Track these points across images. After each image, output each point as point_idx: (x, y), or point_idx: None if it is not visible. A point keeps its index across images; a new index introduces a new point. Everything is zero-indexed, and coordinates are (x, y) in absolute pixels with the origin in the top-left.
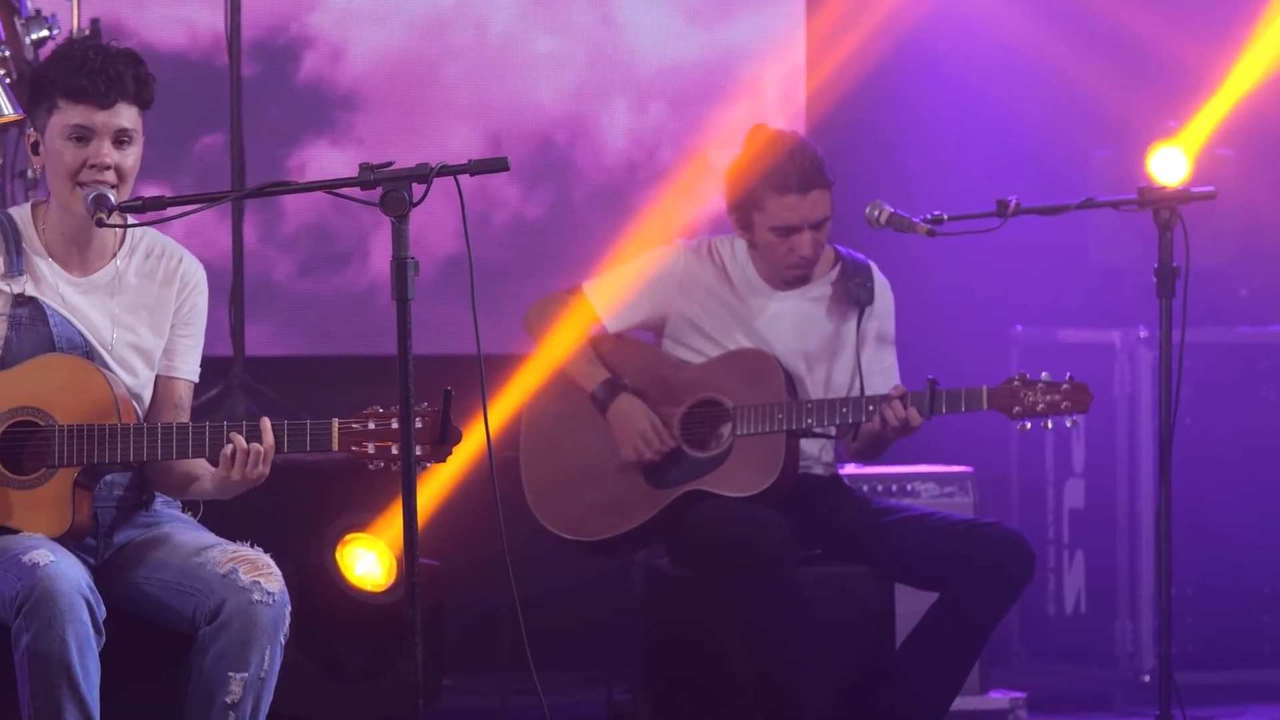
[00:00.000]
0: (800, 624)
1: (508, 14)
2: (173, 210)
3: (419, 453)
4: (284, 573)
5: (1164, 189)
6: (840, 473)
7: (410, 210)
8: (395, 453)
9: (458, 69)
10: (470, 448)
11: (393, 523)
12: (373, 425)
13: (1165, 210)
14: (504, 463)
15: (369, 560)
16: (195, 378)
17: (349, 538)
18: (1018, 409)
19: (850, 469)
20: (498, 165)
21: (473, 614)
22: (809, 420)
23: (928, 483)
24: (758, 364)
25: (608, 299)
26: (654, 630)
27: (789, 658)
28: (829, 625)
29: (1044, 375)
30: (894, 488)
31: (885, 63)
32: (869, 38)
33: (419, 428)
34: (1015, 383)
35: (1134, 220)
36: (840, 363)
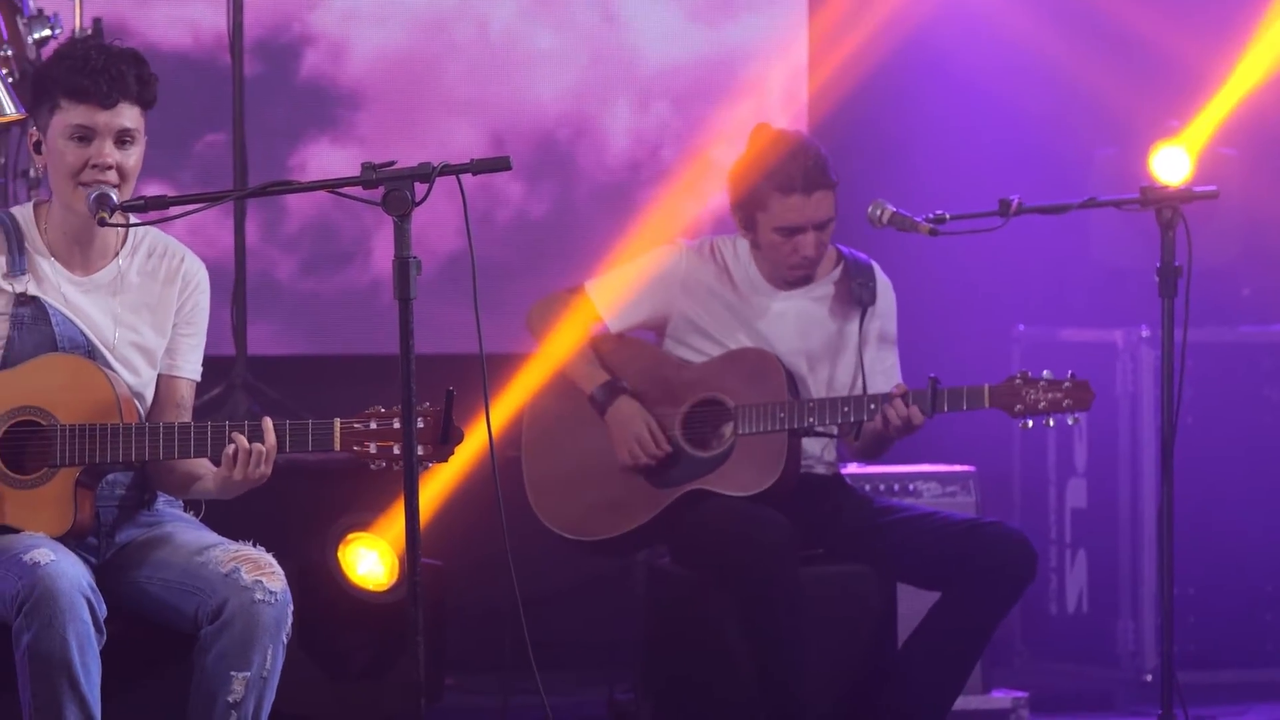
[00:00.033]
0: (802, 623)
1: (509, 12)
2: (175, 209)
3: (421, 452)
4: (286, 572)
5: (1166, 188)
6: (842, 472)
7: (412, 209)
8: (397, 452)
9: (459, 67)
10: (472, 447)
11: (395, 522)
12: (375, 425)
13: (1167, 209)
14: (506, 462)
15: (371, 560)
16: (197, 377)
17: (351, 537)
18: (1019, 407)
19: (852, 468)
20: (500, 164)
21: (475, 613)
22: (811, 419)
23: (930, 482)
24: (759, 363)
25: (610, 298)
26: (656, 630)
27: (791, 657)
28: (831, 625)
29: (1045, 373)
30: (896, 487)
31: (888, 61)
32: (871, 36)
33: (421, 427)
34: (1017, 381)
35: (1136, 219)
36: (842, 363)
